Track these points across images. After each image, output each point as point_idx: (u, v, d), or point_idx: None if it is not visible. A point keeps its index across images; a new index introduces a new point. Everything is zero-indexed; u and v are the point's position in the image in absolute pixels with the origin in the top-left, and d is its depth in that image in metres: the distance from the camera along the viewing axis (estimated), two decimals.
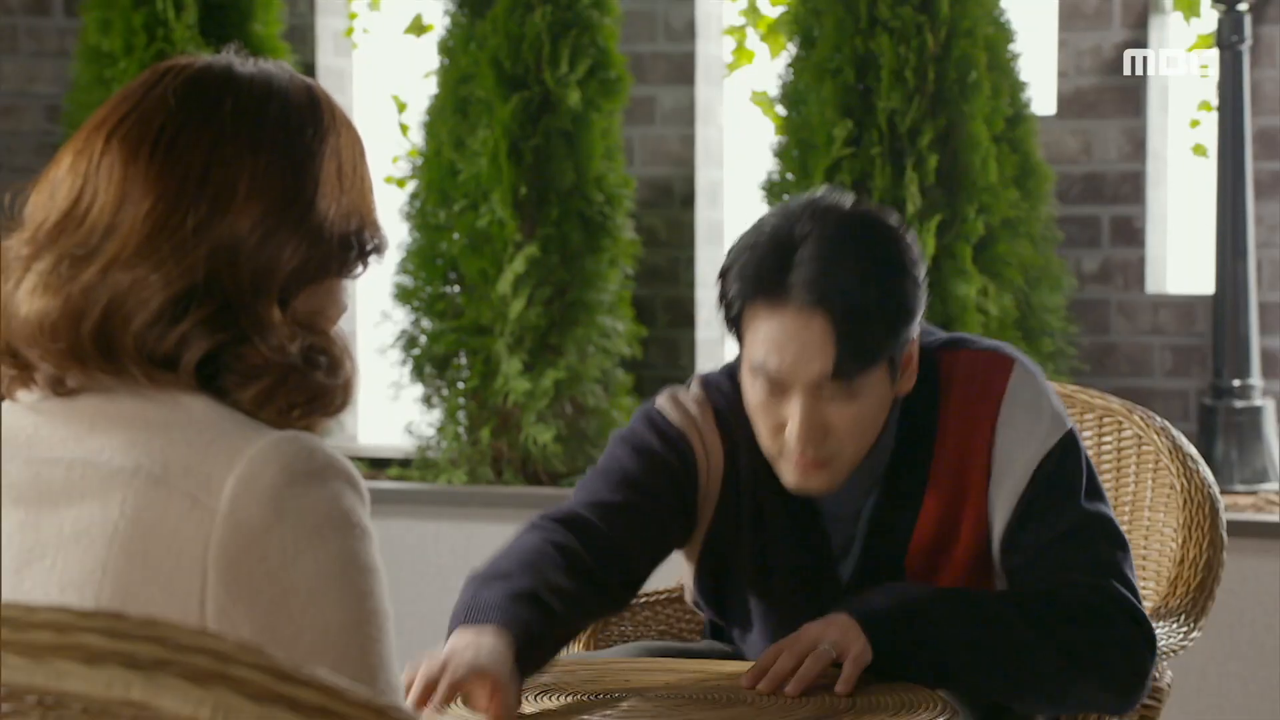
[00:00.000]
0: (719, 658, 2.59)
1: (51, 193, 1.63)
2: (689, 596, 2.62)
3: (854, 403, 2.36)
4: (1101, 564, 2.39)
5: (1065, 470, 2.41)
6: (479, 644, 2.18)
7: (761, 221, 2.40)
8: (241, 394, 1.60)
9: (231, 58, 1.68)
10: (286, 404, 1.61)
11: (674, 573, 2.76)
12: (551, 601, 2.30)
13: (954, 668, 2.32)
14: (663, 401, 2.52)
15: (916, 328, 2.40)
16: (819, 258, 2.33)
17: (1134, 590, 2.40)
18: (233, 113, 1.62)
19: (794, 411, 2.36)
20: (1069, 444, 2.43)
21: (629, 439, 2.50)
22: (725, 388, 2.51)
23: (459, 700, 2.15)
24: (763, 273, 2.34)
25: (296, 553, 1.53)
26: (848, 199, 2.41)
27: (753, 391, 2.39)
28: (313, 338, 1.63)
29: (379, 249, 1.70)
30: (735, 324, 2.39)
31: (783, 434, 2.38)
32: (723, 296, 2.40)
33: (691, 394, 2.52)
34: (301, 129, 1.65)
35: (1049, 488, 2.40)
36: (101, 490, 1.56)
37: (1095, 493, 2.44)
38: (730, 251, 2.40)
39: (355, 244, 1.67)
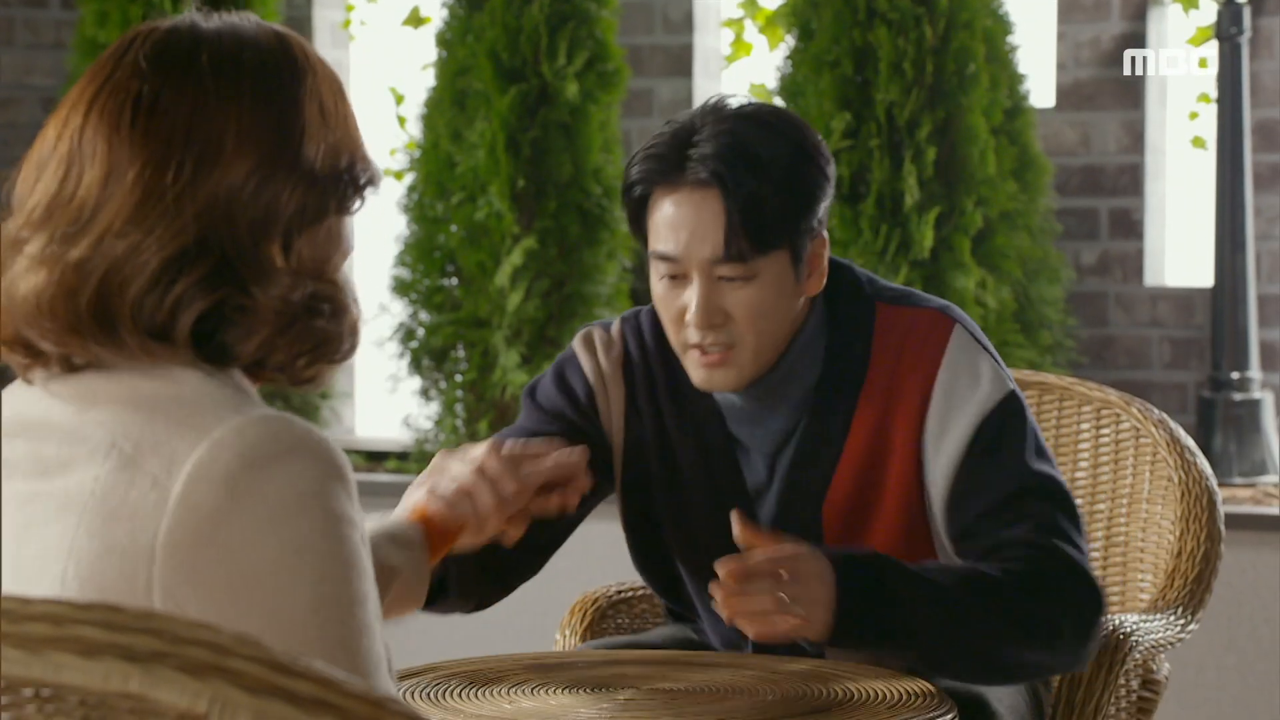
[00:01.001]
0: (675, 647, 2.56)
1: (38, 174, 1.63)
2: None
3: (751, 287, 2.32)
4: (1048, 526, 2.34)
5: (1008, 431, 2.37)
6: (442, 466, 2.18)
7: (670, 119, 2.40)
8: (244, 347, 1.60)
9: (194, 15, 1.67)
10: (291, 353, 1.62)
11: None
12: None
13: (914, 658, 2.29)
14: (579, 344, 2.50)
15: (821, 220, 2.36)
16: (717, 136, 2.31)
17: (1081, 550, 2.36)
18: (208, 67, 1.62)
19: (692, 296, 2.33)
20: (1010, 405, 2.38)
21: (538, 394, 2.49)
22: (646, 327, 2.49)
23: None
24: (662, 156, 2.33)
25: (248, 539, 1.51)
26: (761, 103, 2.39)
27: (656, 282, 2.38)
28: (316, 285, 1.63)
29: (373, 181, 1.69)
30: (639, 212, 2.37)
31: (684, 323, 2.35)
32: (625, 188, 2.38)
33: (610, 333, 2.50)
34: (278, 73, 1.64)
35: (993, 449, 2.35)
36: (84, 464, 1.56)
37: (1040, 452, 2.39)
38: (636, 150, 2.40)
39: (348, 179, 1.66)
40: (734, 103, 2.37)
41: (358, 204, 1.68)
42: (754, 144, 2.31)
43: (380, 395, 5.44)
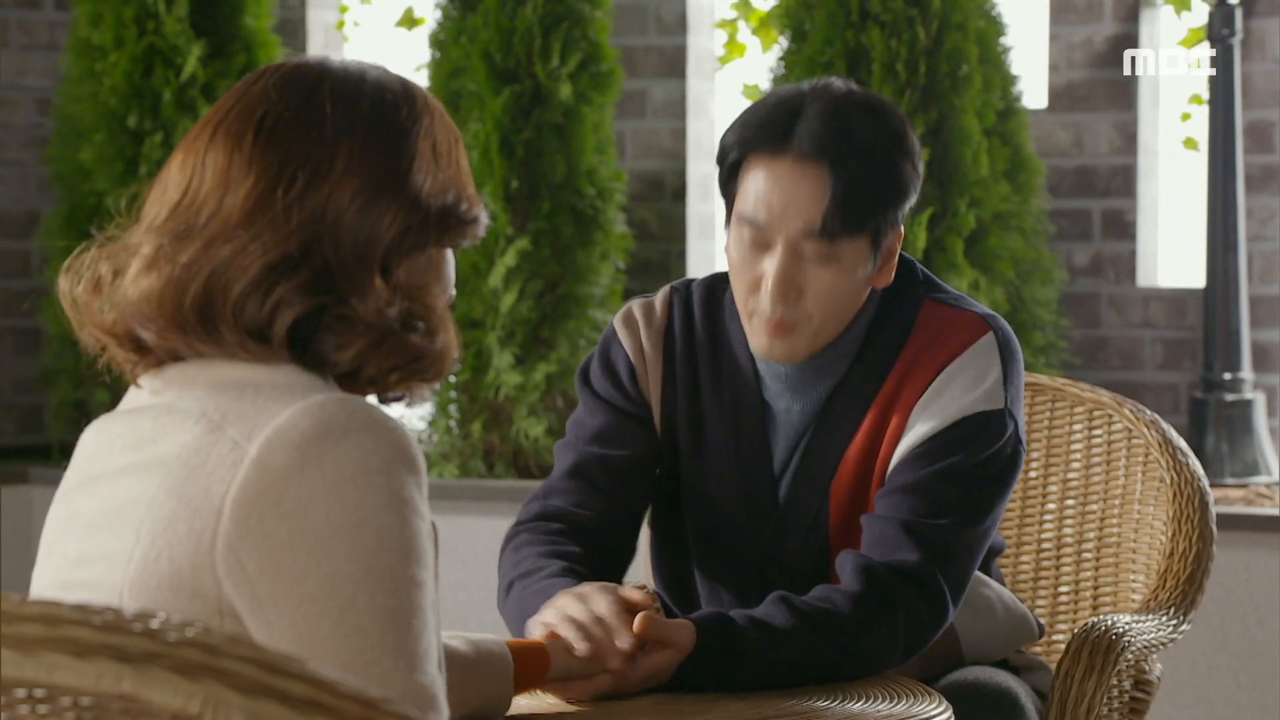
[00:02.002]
0: None
1: (164, 189, 1.73)
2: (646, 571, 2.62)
3: (831, 268, 2.35)
4: (936, 553, 2.34)
5: (967, 445, 2.37)
6: (581, 593, 2.22)
7: (770, 90, 2.44)
8: (340, 356, 1.68)
9: (326, 56, 1.79)
10: (386, 366, 1.70)
11: None
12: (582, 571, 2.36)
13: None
14: (619, 322, 2.52)
15: (905, 212, 2.40)
16: (825, 116, 2.35)
17: (954, 571, 2.35)
18: (330, 97, 1.72)
19: (772, 265, 2.35)
20: (989, 423, 2.37)
21: (591, 380, 2.52)
22: (697, 296, 2.51)
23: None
24: (767, 124, 2.36)
25: (313, 501, 1.58)
26: (860, 87, 2.45)
27: (736, 246, 2.39)
28: (413, 305, 1.72)
29: (476, 220, 1.78)
30: (731, 175, 2.39)
31: (758, 292, 2.38)
32: (722, 151, 2.40)
33: (655, 301, 2.53)
34: (395, 110, 1.74)
35: (941, 456, 2.36)
36: (174, 433, 1.64)
37: (983, 483, 2.38)
38: (736, 116, 2.43)
39: (453, 215, 1.75)
40: (840, 85, 2.40)
41: (459, 240, 1.77)
42: (860, 128, 2.35)
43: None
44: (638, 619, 2.19)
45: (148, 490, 1.63)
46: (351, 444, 1.60)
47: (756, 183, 2.36)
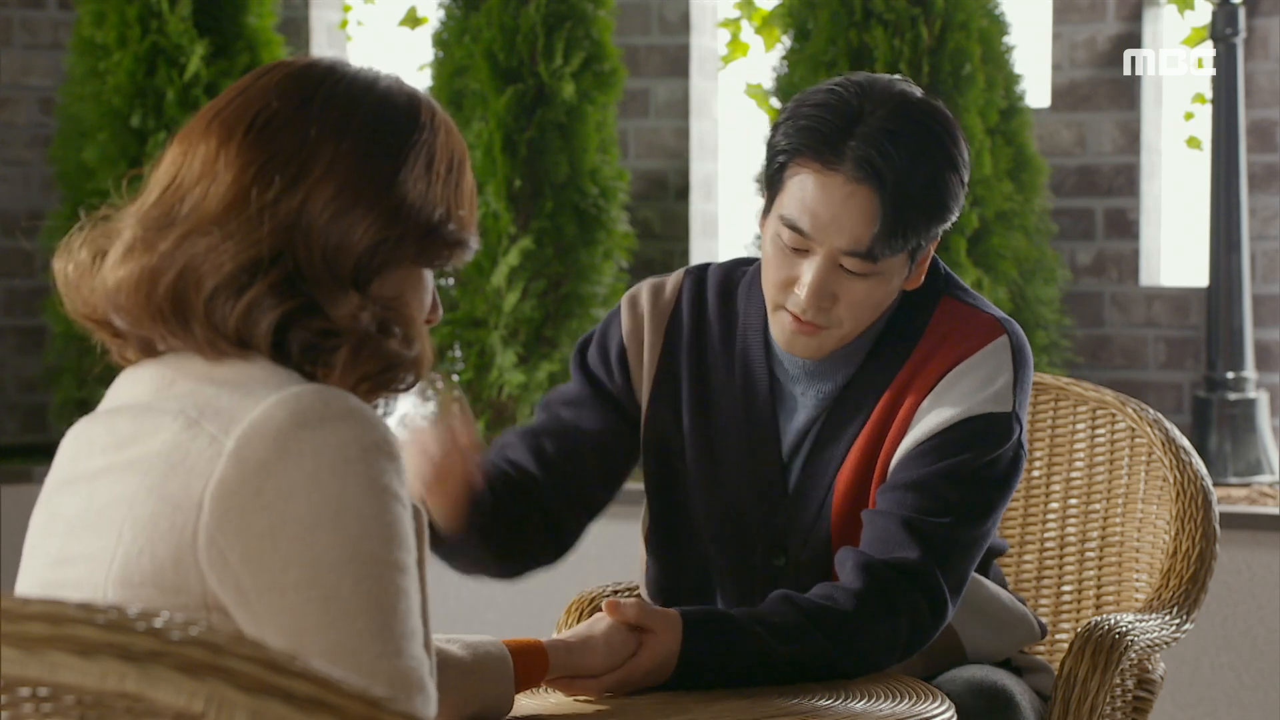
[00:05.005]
0: None
1: (159, 171, 1.72)
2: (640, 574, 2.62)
3: (868, 281, 2.36)
4: (937, 553, 2.35)
5: (972, 446, 2.37)
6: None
7: (830, 84, 2.39)
8: (326, 370, 1.67)
9: (344, 60, 1.76)
10: (357, 375, 1.68)
11: None
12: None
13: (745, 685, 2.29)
14: (624, 302, 2.53)
15: (948, 226, 2.40)
16: (881, 134, 2.32)
17: (953, 569, 2.36)
18: (327, 100, 1.70)
19: (809, 273, 2.35)
20: (994, 425, 2.38)
21: (587, 354, 2.54)
22: (711, 282, 2.51)
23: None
24: (822, 132, 2.34)
25: (293, 491, 1.57)
26: (915, 88, 2.40)
27: (773, 244, 2.38)
28: (388, 314, 1.70)
29: (462, 244, 1.76)
30: (777, 173, 2.38)
31: (789, 290, 2.38)
32: (772, 144, 2.39)
33: (666, 282, 2.54)
34: (393, 122, 1.72)
35: (945, 455, 2.37)
36: (153, 434, 1.64)
37: (988, 483, 2.39)
38: (791, 102, 2.40)
39: (436, 234, 1.73)
40: (895, 92, 2.36)
41: (441, 260, 1.75)
42: (915, 151, 2.33)
43: None
44: (618, 608, 2.21)
45: (128, 489, 1.63)
46: (329, 433, 1.58)
47: (804, 190, 2.34)
